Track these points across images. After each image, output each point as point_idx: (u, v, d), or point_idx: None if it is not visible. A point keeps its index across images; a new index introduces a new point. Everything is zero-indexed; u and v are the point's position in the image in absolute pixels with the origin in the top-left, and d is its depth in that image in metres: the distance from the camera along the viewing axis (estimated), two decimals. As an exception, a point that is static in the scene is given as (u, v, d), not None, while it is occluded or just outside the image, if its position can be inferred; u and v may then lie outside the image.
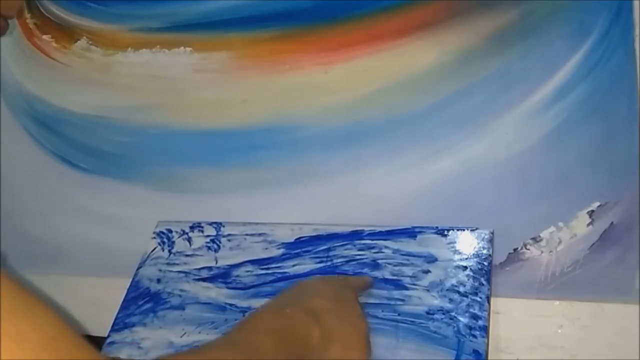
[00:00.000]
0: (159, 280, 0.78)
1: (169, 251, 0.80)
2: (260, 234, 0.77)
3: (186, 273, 0.78)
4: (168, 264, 0.79)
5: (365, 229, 0.73)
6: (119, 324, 0.75)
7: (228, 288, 0.74)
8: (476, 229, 0.69)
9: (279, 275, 0.73)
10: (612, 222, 0.67)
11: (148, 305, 0.76)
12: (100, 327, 0.76)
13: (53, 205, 0.90)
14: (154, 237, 0.81)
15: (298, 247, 0.74)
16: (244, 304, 0.72)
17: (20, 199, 0.93)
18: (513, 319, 0.68)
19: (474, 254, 0.68)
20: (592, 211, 0.67)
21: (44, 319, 0.37)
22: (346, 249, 0.72)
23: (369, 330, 0.63)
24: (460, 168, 0.72)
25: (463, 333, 0.63)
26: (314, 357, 0.56)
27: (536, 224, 0.69)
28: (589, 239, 0.67)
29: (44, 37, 0.92)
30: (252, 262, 0.75)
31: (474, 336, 0.63)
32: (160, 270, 0.78)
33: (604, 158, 0.67)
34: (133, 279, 0.79)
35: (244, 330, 0.55)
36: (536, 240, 0.69)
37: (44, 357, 0.35)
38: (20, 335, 0.35)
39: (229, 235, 0.78)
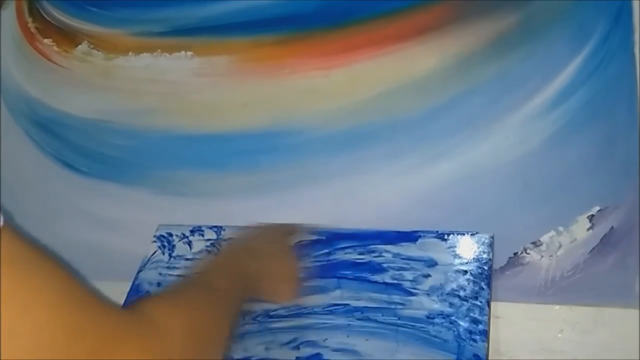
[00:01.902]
0: (159, 284, 0.78)
1: (170, 255, 0.80)
2: (260, 238, 0.76)
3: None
4: (168, 267, 0.79)
5: (366, 232, 0.73)
6: (120, 328, 0.75)
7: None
8: (476, 233, 0.69)
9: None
10: (612, 227, 0.67)
11: (148, 309, 0.76)
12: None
13: (54, 209, 0.90)
14: (155, 241, 0.81)
15: (298, 250, 0.74)
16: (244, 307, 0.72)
17: (21, 203, 0.93)
18: (513, 323, 0.68)
19: (474, 258, 0.68)
20: (592, 215, 0.67)
21: (53, 273, 0.41)
22: (346, 253, 0.72)
23: (300, 270, 0.71)
24: (461, 172, 0.72)
25: (463, 337, 0.63)
26: (252, 291, 0.65)
27: (536, 228, 0.69)
28: (589, 243, 0.67)
29: (45, 41, 0.92)
30: (253, 265, 0.75)
31: (474, 340, 0.63)
32: (160, 274, 0.78)
33: (604, 162, 0.68)
34: (133, 282, 0.79)
35: (207, 274, 0.63)
36: (536, 244, 0.69)
37: (60, 310, 0.39)
38: (34, 291, 0.38)
39: (230, 239, 0.78)
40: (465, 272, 0.67)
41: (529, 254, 0.69)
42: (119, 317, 0.44)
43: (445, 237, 0.69)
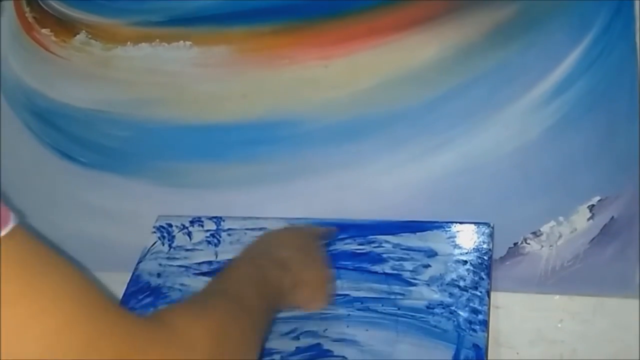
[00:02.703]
0: (159, 275, 0.78)
1: (169, 245, 0.80)
2: (260, 229, 0.76)
3: (186, 267, 0.78)
4: (168, 258, 0.79)
5: (366, 223, 0.73)
6: (119, 319, 0.75)
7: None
8: (476, 223, 0.69)
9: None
10: (612, 217, 0.67)
11: (148, 300, 0.76)
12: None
13: (53, 200, 0.90)
14: (154, 232, 0.81)
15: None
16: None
17: (20, 194, 0.92)
18: (513, 314, 0.68)
19: (474, 248, 0.68)
20: (593, 205, 0.67)
21: (69, 278, 0.39)
22: (346, 244, 0.72)
23: (331, 276, 0.69)
24: (461, 162, 0.72)
25: (463, 327, 0.64)
26: (285, 302, 0.63)
27: (536, 218, 0.69)
28: (589, 233, 0.67)
29: (43, 31, 0.91)
30: (253, 256, 0.75)
31: (474, 330, 0.63)
32: (160, 264, 0.79)
33: (605, 152, 0.67)
34: (133, 273, 0.79)
35: (228, 281, 0.59)
36: (536, 234, 0.69)
37: (75, 317, 0.37)
38: (47, 295, 0.37)
39: (229, 229, 0.78)
40: (465, 262, 0.67)
41: (529, 244, 0.69)
42: (139, 326, 0.42)
43: (445, 227, 0.70)
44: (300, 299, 0.66)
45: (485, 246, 0.67)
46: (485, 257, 0.67)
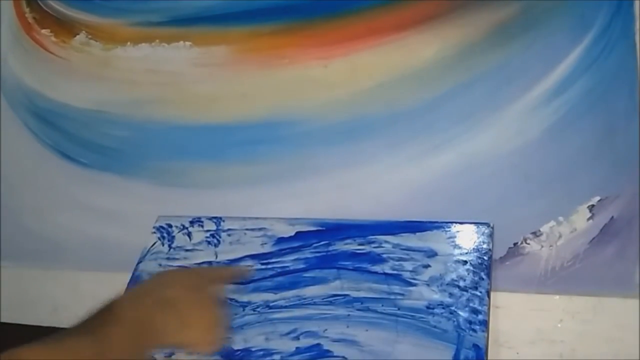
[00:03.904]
0: (159, 275, 0.78)
1: (169, 246, 0.80)
2: (260, 229, 0.77)
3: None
4: (168, 258, 0.79)
5: (365, 223, 0.73)
6: (119, 319, 0.75)
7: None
8: (476, 223, 0.69)
9: (279, 270, 0.73)
10: (612, 217, 0.66)
11: (148, 300, 0.76)
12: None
13: (53, 200, 0.90)
14: (154, 232, 0.81)
15: (298, 241, 0.74)
16: (244, 298, 0.73)
17: (20, 194, 0.92)
18: (513, 313, 0.68)
19: (474, 249, 0.68)
20: (593, 205, 0.67)
21: None
22: (346, 244, 0.72)
23: (225, 317, 0.67)
24: (461, 162, 0.72)
25: (463, 327, 0.64)
26: (169, 342, 0.63)
27: (536, 218, 0.69)
28: (589, 233, 0.67)
29: (43, 31, 0.92)
30: (252, 256, 0.75)
31: (474, 330, 0.63)
32: (160, 265, 0.79)
33: (605, 152, 0.67)
34: (133, 273, 0.79)
35: (102, 320, 0.59)
36: (536, 234, 0.69)
37: None
38: None
39: (229, 230, 0.78)
40: (465, 262, 0.67)
41: (528, 244, 0.69)
42: None
43: (445, 227, 0.69)
44: (188, 340, 0.64)
45: (485, 246, 0.67)
46: (485, 257, 0.67)
